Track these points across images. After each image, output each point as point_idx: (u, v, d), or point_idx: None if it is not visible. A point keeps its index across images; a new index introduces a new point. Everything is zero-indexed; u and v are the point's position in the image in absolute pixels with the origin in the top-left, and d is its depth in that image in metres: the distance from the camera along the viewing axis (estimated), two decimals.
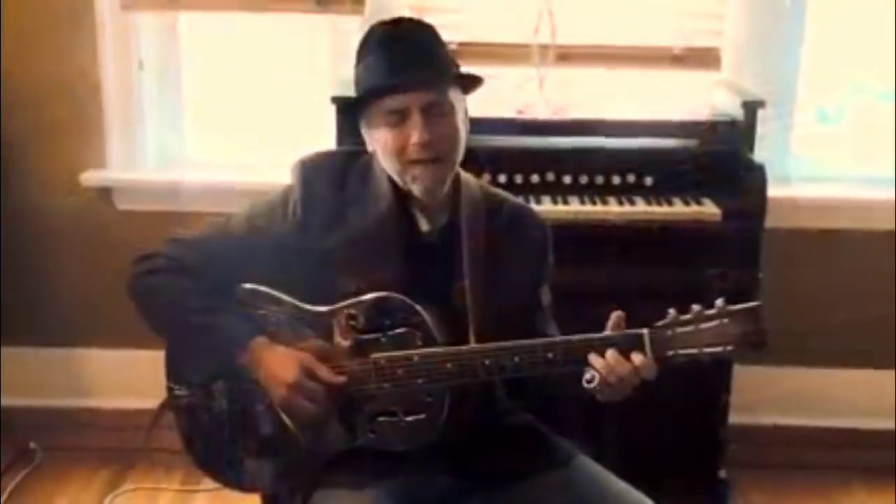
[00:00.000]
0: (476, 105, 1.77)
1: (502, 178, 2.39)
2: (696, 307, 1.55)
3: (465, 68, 1.72)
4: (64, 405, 3.00)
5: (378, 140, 1.66)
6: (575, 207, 2.37)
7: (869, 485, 2.79)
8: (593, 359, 1.57)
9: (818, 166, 2.95)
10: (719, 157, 2.47)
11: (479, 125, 1.82)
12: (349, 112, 1.73)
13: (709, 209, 2.38)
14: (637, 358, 1.55)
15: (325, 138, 2.41)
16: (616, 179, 2.44)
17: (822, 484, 2.79)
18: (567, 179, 2.43)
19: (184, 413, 1.78)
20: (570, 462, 1.73)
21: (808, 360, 2.93)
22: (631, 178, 2.44)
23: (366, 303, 1.64)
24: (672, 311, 1.56)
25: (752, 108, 2.46)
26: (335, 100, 2.40)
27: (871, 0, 2.80)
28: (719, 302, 1.54)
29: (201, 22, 2.95)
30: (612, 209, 2.37)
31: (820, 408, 2.95)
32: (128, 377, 2.92)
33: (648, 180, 2.44)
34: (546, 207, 2.34)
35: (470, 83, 1.71)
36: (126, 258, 1.76)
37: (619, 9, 2.77)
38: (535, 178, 2.43)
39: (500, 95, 2.53)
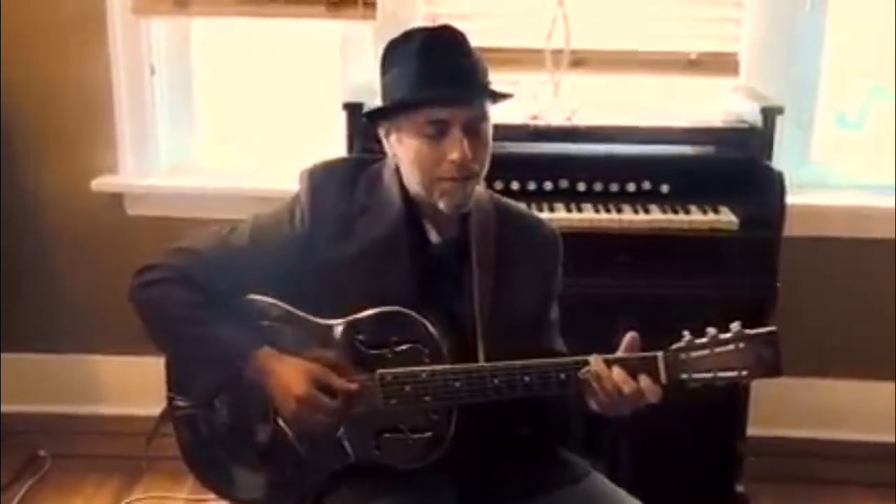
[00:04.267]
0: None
1: (515, 185, 2.36)
2: (711, 330, 1.53)
3: None
4: (73, 412, 2.99)
5: (408, 150, 1.60)
6: (589, 215, 2.34)
7: (890, 500, 2.73)
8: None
9: (838, 173, 2.90)
10: (737, 165, 2.44)
11: (493, 131, 1.78)
12: (373, 116, 1.67)
13: (726, 217, 2.34)
14: (644, 381, 1.52)
15: (335, 144, 2.39)
16: (631, 187, 2.40)
17: (842, 498, 2.74)
18: (581, 187, 2.40)
19: (183, 424, 1.76)
20: (582, 479, 1.69)
21: (830, 371, 2.89)
22: (646, 185, 2.41)
23: (373, 317, 1.60)
24: (687, 334, 1.53)
25: (770, 114, 2.42)
26: (347, 106, 2.39)
27: (891, 3, 2.74)
28: (735, 326, 1.52)
29: (213, 28, 2.94)
30: (627, 217, 2.34)
31: (842, 421, 2.90)
32: (139, 383, 2.88)
33: (664, 188, 2.41)
34: (560, 215, 2.31)
35: (500, 96, 1.66)
36: (136, 264, 1.73)
37: (635, 14, 2.74)
38: (548, 185, 2.39)
39: (513, 101, 2.49)
